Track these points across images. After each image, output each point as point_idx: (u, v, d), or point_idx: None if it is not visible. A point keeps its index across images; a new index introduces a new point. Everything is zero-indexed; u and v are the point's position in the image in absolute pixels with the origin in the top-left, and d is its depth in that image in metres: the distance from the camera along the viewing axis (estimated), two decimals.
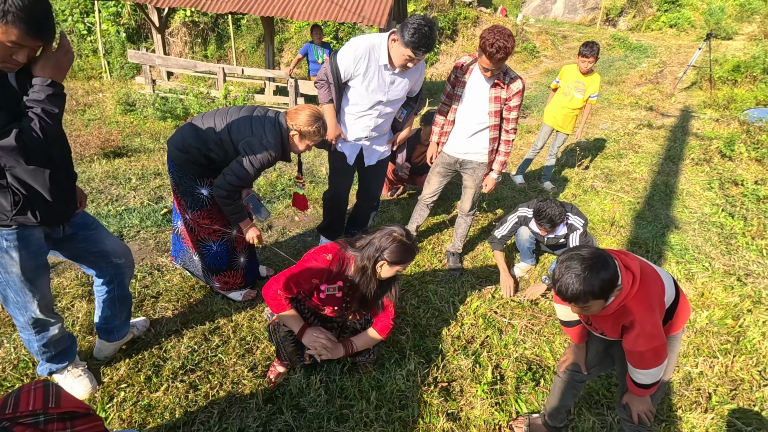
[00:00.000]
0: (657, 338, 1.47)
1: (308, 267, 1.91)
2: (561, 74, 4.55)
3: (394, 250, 1.85)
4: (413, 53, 2.37)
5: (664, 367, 1.53)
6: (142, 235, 3.45)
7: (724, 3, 16.54)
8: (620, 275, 1.43)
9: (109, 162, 5.17)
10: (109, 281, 2.04)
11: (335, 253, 1.94)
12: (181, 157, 2.31)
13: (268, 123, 2.29)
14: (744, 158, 5.92)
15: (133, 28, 14.04)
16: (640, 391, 1.60)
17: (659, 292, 1.53)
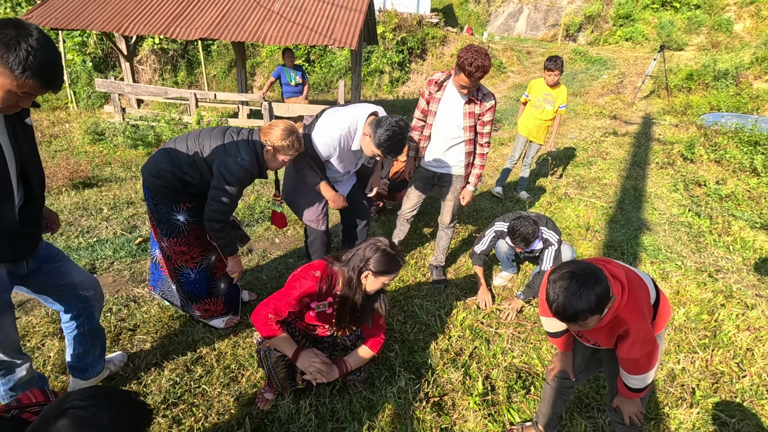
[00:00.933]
0: (650, 343, 1.50)
1: (297, 287, 1.88)
2: (530, 88, 4.75)
3: (379, 259, 1.84)
4: (382, 155, 2.44)
5: (656, 370, 1.55)
6: (117, 267, 3.33)
7: (673, 17, 17.63)
8: (611, 286, 1.44)
9: (79, 193, 5.01)
10: (77, 315, 1.95)
11: (323, 269, 1.92)
12: (156, 183, 2.26)
13: (242, 141, 2.26)
14: (704, 160, 6.23)
15: (99, 57, 13.84)
16: (632, 394, 1.63)
17: (646, 297, 1.56)
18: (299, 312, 1.93)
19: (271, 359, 1.97)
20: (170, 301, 2.65)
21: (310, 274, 1.89)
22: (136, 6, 8.05)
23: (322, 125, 2.56)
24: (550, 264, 2.91)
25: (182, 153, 2.24)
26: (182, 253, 2.44)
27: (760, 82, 9.65)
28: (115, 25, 7.66)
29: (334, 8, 8.21)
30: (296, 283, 1.89)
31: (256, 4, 8.21)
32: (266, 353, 1.98)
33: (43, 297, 1.86)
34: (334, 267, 1.94)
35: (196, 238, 2.42)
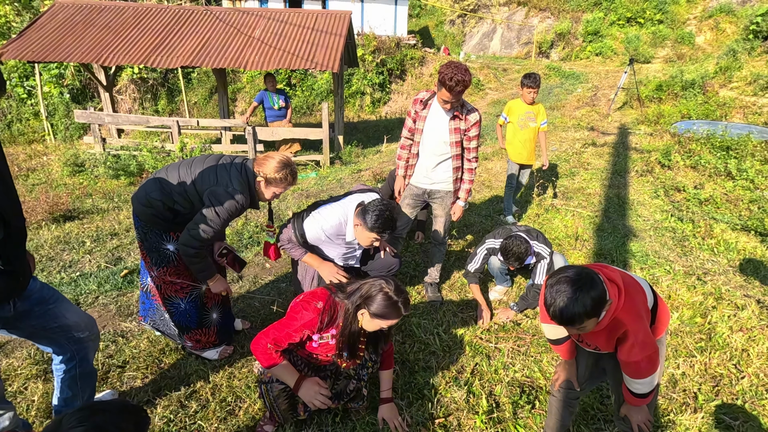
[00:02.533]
0: (650, 346, 1.50)
1: (298, 318, 1.82)
2: (508, 110, 4.61)
3: (379, 302, 1.76)
4: (379, 236, 2.36)
5: (659, 374, 1.55)
6: (102, 301, 3.21)
7: (638, 32, 18.47)
8: (607, 289, 1.46)
9: (59, 227, 4.86)
10: (71, 358, 1.84)
11: (326, 300, 1.86)
12: (146, 212, 2.22)
13: (234, 170, 2.22)
14: (681, 166, 6.43)
15: (77, 88, 13.71)
16: (638, 401, 1.62)
17: (643, 300, 1.57)
18: (300, 342, 1.87)
19: (272, 392, 1.90)
20: (162, 331, 2.55)
21: (312, 305, 1.83)
22: (115, 37, 8.05)
23: (314, 215, 2.46)
24: (543, 277, 2.93)
25: (174, 181, 2.20)
26: (171, 283, 2.38)
27: (726, 90, 10.10)
28: (94, 56, 7.62)
29: (314, 33, 8.35)
30: (297, 315, 1.83)
31: (237, 32, 8.30)
32: (268, 387, 1.91)
33: (34, 339, 1.76)
34: (337, 297, 1.89)
35: (186, 267, 2.36)
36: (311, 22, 8.70)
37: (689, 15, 18.73)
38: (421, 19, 22.90)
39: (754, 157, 6.26)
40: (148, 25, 8.38)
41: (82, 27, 8.12)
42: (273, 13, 8.96)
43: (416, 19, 22.79)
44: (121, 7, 8.75)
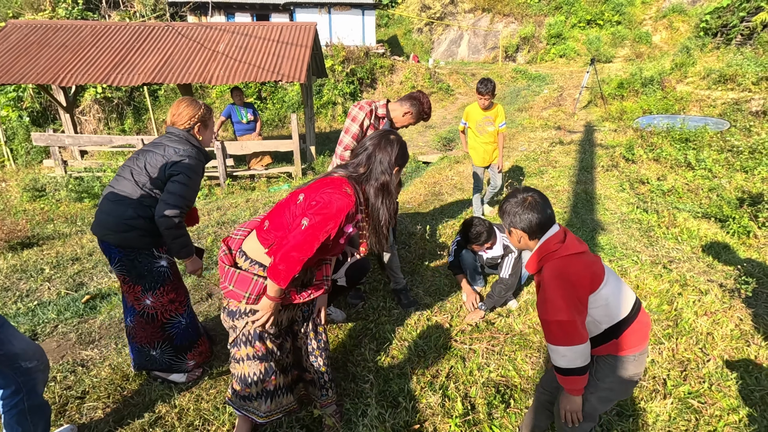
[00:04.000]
0: (561, 313, 1.44)
1: (334, 210, 1.54)
2: (466, 115, 4.63)
3: (401, 149, 1.75)
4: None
5: (577, 353, 1.47)
6: (61, 330, 3.06)
7: (599, 33, 19.16)
8: (552, 231, 1.55)
9: (16, 255, 4.64)
10: (17, 391, 1.73)
11: (348, 183, 1.64)
12: (129, 236, 2.12)
13: (168, 140, 2.21)
14: (644, 160, 6.64)
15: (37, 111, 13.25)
16: (561, 378, 1.55)
17: (584, 284, 1.48)
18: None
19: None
20: (155, 372, 2.45)
21: (342, 191, 1.58)
22: (72, 56, 7.82)
23: None
24: (509, 270, 2.98)
25: (132, 192, 2.13)
26: (171, 302, 2.32)
27: (682, 85, 10.53)
28: (50, 77, 7.37)
29: (279, 45, 8.32)
30: (330, 208, 1.53)
31: (200, 46, 8.19)
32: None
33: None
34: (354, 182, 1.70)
35: (178, 279, 2.37)
36: (276, 35, 8.66)
37: (645, 15, 19.56)
38: (389, 28, 23.16)
39: (711, 148, 6.52)
40: (107, 43, 8.18)
41: (37, 47, 7.87)
42: (237, 27, 8.89)
43: (384, 28, 23.04)
44: (78, 26, 8.52)
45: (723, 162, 6.09)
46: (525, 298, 3.31)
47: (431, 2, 22.34)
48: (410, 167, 8.33)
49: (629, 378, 1.59)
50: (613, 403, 1.71)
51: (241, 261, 1.74)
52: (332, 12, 17.71)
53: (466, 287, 3.23)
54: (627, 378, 1.59)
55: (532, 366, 2.57)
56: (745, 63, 9.91)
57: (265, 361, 1.82)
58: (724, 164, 6.04)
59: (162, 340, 2.35)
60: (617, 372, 1.58)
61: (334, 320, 2.99)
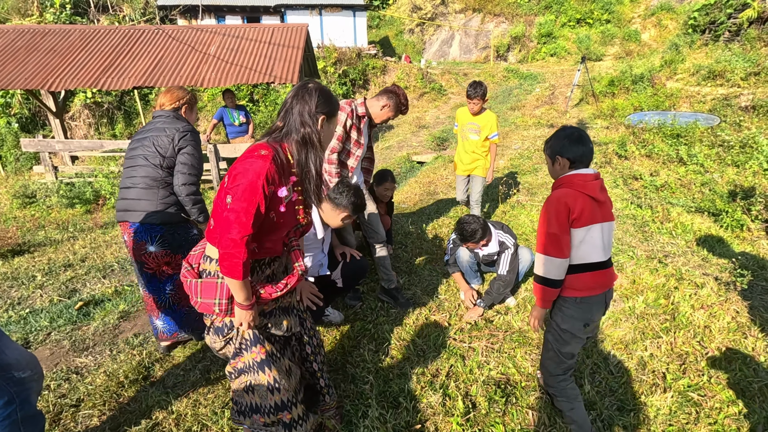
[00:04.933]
0: (553, 227, 1.74)
1: (252, 178, 1.44)
2: (457, 117, 4.32)
3: (323, 97, 1.57)
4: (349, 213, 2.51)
5: (554, 265, 1.75)
6: (55, 337, 3.01)
7: (588, 32, 19.31)
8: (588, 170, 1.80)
9: (7, 262, 4.56)
10: (9, 401, 1.69)
11: (266, 147, 1.53)
12: (169, 213, 2.42)
13: (163, 123, 2.44)
14: (636, 156, 6.69)
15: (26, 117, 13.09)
16: (536, 287, 1.86)
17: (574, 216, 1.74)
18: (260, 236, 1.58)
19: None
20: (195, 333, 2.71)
21: (256, 155, 1.49)
22: (61, 61, 7.73)
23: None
24: (506, 267, 2.99)
25: (159, 175, 2.40)
26: None
27: (672, 82, 10.63)
28: (39, 82, 7.28)
29: (271, 47, 8.29)
30: (247, 176, 1.45)
31: (191, 49, 8.13)
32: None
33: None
34: (273, 142, 1.57)
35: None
36: (268, 36, 8.63)
37: (633, 14, 19.74)
38: (381, 29, 23.19)
39: (702, 143, 6.59)
40: (97, 47, 8.10)
41: (25, 52, 7.77)
42: (228, 29, 8.85)
43: (376, 29, 23.06)
44: (67, 30, 8.43)
45: (714, 157, 6.14)
46: (523, 295, 3.31)
47: (422, 3, 22.39)
48: (405, 167, 8.33)
49: (573, 318, 1.85)
50: (570, 345, 1.91)
51: (206, 265, 1.66)
52: (323, 13, 17.70)
53: (463, 285, 3.23)
54: (570, 317, 1.86)
55: (532, 363, 2.57)
56: (733, 59, 10.03)
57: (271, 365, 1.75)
58: (716, 159, 6.10)
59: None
60: (564, 311, 1.87)
61: (332, 321, 2.97)
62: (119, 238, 5.35)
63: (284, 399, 1.76)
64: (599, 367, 2.52)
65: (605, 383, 2.39)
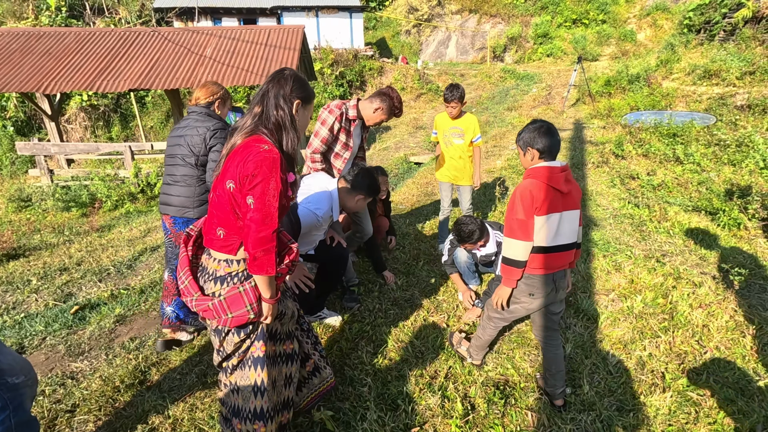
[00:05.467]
0: (520, 213, 1.93)
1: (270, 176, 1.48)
2: (435, 124, 4.01)
3: (297, 82, 1.62)
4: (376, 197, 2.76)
5: (520, 248, 1.95)
6: (50, 342, 2.98)
7: (584, 32, 19.38)
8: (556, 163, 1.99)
9: (1, 267, 4.53)
10: (3, 407, 1.66)
11: (257, 138, 1.57)
12: (205, 209, 2.59)
13: (195, 120, 2.60)
14: (633, 155, 6.70)
15: (22, 120, 13.04)
16: (503, 267, 2.04)
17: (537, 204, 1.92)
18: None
19: None
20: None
21: (262, 150, 1.50)
22: (56, 63, 7.70)
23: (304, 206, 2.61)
24: None
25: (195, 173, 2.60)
26: None
27: (668, 82, 10.68)
28: (34, 85, 7.25)
29: (267, 48, 8.27)
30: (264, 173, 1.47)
31: (187, 51, 8.11)
32: None
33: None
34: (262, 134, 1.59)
35: None
36: (264, 38, 8.62)
37: (629, 14, 19.83)
38: (377, 30, 23.21)
39: (698, 142, 6.60)
40: (92, 49, 8.07)
41: (20, 55, 7.73)
42: (224, 31, 8.83)
43: (372, 31, 23.08)
44: (62, 33, 8.40)
45: (711, 156, 6.16)
46: None
47: (418, 4, 22.43)
48: (402, 168, 8.32)
49: (519, 289, 2.09)
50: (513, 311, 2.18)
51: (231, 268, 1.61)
52: (320, 15, 17.70)
53: (461, 286, 3.22)
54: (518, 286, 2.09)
55: (531, 364, 2.56)
56: (728, 58, 10.08)
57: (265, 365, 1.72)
58: (712, 158, 6.12)
59: None
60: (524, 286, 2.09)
61: (329, 323, 2.96)
62: (115, 241, 5.32)
63: (264, 407, 1.70)
64: (598, 367, 2.51)
65: (604, 383, 2.38)
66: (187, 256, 1.70)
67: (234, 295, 1.58)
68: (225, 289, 1.59)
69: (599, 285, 3.40)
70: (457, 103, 3.68)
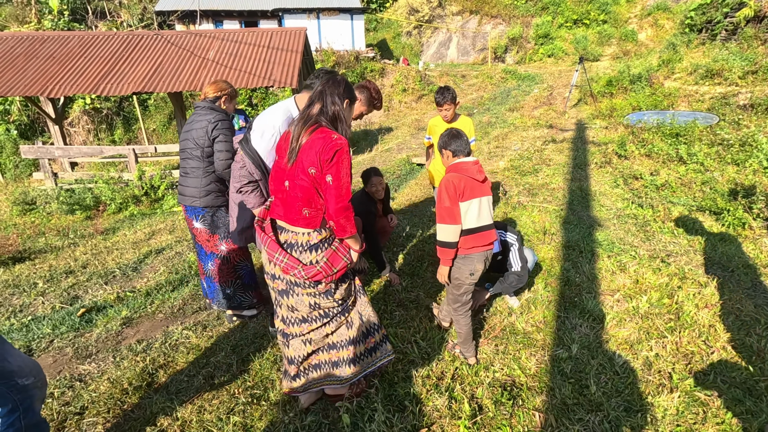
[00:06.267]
0: (446, 201, 2.30)
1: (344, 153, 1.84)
2: (429, 129, 3.97)
3: (348, 85, 1.96)
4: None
5: (450, 231, 2.31)
6: (57, 344, 3.00)
7: (585, 32, 19.37)
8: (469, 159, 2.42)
9: (8, 270, 4.55)
10: (13, 409, 1.68)
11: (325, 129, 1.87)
12: (209, 198, 2.80)
13: (199, 115, 2.75)
14: (636, 155, 6.69)
15: (25, 124, 13.09)
16: (438, 249, 2.39)
17: (459, 192, 2.31)
18: None
19: None
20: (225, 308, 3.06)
21: (333, 138, 1.82)
22: (60, 67, 7.74)
23: (257, 126, 2.39)
24: (519, 263, 3.03)
25: (201, 165, 2.76)
26: (239, 248, 2.95)
27: (670, 81, 10.66)
28: (38, 89, 7.28)
29: (270, 51, 8.30)
30: (340, 157, 1.82)
31: (190, 54, 8.14)
32: None
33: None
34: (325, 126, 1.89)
35: None
36: (266, 41, 8.64)
37: (630, 14, 19.82)
38: (379, 32, 23.24)
39: (701, 142, 6.59)
40: (96, 53, 8.11)
41: (24, 59, 7.77)
42: (227, 34, 8.86)
43: (374, 32, 23.12)
44: (66, 37, 8.44)
45: (714, 155, 6.15)
46: (527, 296, 3.30)
47: (419, 5, 22.46)
48: (404, 169, 8.33)
49: (460, 269, 2.44)
50: (461, 289, 2.48)
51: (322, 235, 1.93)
52: (321, 17, 17.74)
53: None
54: (458, 268, 2.44)
55: (537, 364, 2.56)
56: (730, 58, 10.06)
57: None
58: (716, 158, 6.11)
59: (234, 278, 2.98)
60: (455, 264, 2.45)
61: None
62: (120, 244, 5.34)
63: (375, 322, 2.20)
64: (604, 367, 2.51)
65: (611, 384, 2.38)
66: (272, 239, 1.96)
67: (332, 254, 1.96)
68: (321, 254, 1.93)
69: (604, 285, 3.40)
70: (450, 104, 3.64)
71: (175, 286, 3.85)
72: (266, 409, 2.28)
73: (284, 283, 1.99)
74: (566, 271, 3.59)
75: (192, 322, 3.17)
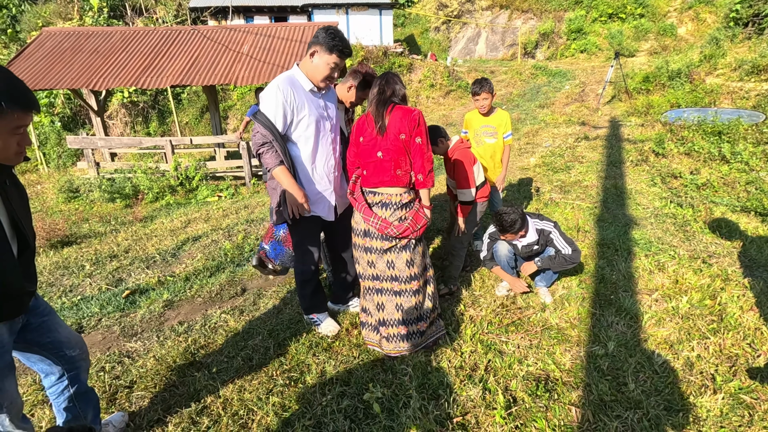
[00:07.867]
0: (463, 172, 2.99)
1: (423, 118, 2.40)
2: (466, 123, 3.93)
3: (400, 78, 2.45)
4: (339, 58, 2.34)
5: (472, 193, 3.00)
6: (105, 323, 3.17)
7: (621, 27, 18.74)
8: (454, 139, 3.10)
9: (57, 252, 4.82)
10: (60, 377, 1.81)
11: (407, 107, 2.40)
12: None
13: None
14: (675, 154, 6.47)
15: (68, 116, 13.72)
16: (463, 208, 3.06)
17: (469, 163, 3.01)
18: None
19: None
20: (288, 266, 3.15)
21: (413, 110, 2.39)
22: (104, 62, 8.07)
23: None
24: (564, 243, 3.04)
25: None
26: None
27: (712, 78, 10.22)
28: (84, 82, 7.63)
29: (302, 45, 8.41)
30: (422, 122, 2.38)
31: (225, 49, 8.35)
32: None
33: (25, 355, 1.73)
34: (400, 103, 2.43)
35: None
36: (298, 35, 8.77)
37: (669, 7, 19.03)
38: (406, 27, 23.15)
39: (746, 140, 6.31)
40: (137, 47, 8.41)
41: (71, 53, 8.15)
42: (260, 29, 9.03)
43: (401, 28, 23.05)
44: (109, 32, 8.79)
45: (760, 155, 5.88)
46: (560, 293, 3.26)
47: (448, 0, 22.23)
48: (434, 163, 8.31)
49: (473, 212, 3.18)
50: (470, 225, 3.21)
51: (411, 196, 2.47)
52: (350, 12, 17.81)
53: (506, 276, 3.22)
54: (472, 213, 3.18)
55: (572, 360, 2.54)
56: None
57: None
58: (762, 157, 5.84)
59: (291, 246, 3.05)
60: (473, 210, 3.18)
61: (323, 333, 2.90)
62: (158, 231, 5.56)
63: None
64: (643, 366, 2.46)
65: (650, 382, 2.34)
66: (365, 206, 2.44)
67: (416, 213, 2.46)
68: (409, 211, 2.43)
69: (641, 284, 3.32)
70: (488, 94, 3.54)
71: (212, 272, 3.99)
72: (303, 391, 2.35)
73: (380, 240, 2.46)
74: (601, 268, 3.52)
75: (229, 307, 3.29)
